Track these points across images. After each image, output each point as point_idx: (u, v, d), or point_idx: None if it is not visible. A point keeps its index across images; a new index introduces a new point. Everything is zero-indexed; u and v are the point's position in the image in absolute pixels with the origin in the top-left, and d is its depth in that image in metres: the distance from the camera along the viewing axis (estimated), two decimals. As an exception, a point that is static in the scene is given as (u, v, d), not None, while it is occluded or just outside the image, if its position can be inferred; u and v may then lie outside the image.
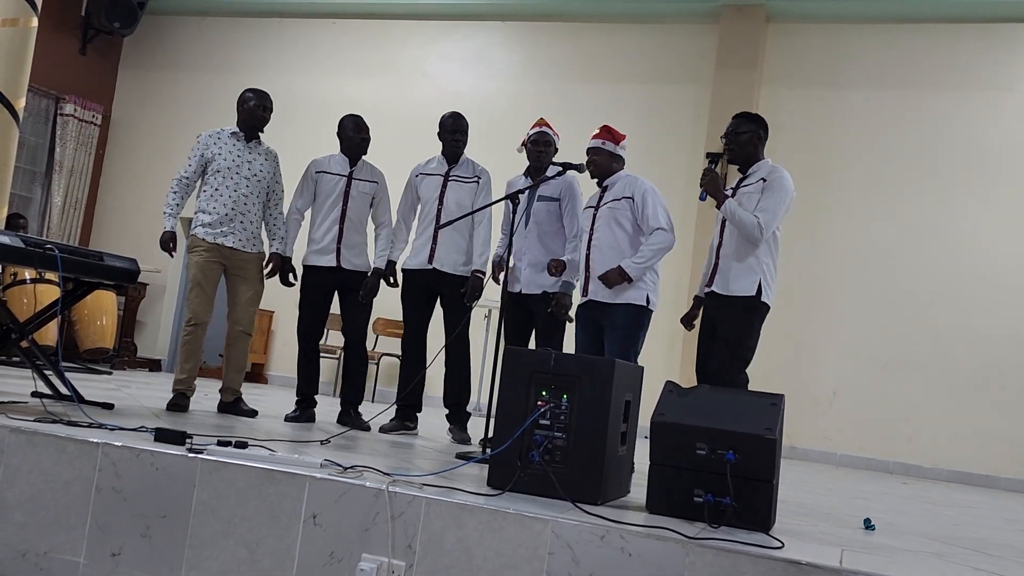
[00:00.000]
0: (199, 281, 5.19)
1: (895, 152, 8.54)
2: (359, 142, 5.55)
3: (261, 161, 5.37)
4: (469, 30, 10.04)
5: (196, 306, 5.19)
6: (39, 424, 3.52)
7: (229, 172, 5.25)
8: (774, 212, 4.34)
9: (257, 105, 5.37)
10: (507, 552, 2.82)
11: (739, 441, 3.01)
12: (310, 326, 5.54)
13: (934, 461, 8.06)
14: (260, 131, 5.41)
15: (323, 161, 5.60)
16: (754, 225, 4.31)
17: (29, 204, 10.47)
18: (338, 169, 5.53)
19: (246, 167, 5.30)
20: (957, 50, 8.49)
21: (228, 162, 5.26)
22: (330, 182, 5.50)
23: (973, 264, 8.20)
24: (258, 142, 5.42)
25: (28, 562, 3.33)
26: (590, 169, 4.85)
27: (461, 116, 5.53)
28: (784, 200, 4.37)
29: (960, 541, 3.62)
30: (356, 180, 5.51)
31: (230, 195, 5.25)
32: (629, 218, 4.69)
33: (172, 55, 11.13)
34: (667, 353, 8.38)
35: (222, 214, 5.22)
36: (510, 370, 3.29)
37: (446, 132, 5.48)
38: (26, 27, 6.93)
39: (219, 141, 5.31)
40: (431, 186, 5.48)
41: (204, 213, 5.25)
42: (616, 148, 4.85)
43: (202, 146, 5.30)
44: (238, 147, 5.32)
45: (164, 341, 10.74)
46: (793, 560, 2.57)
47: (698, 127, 8.93)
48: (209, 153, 5.27)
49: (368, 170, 5.59)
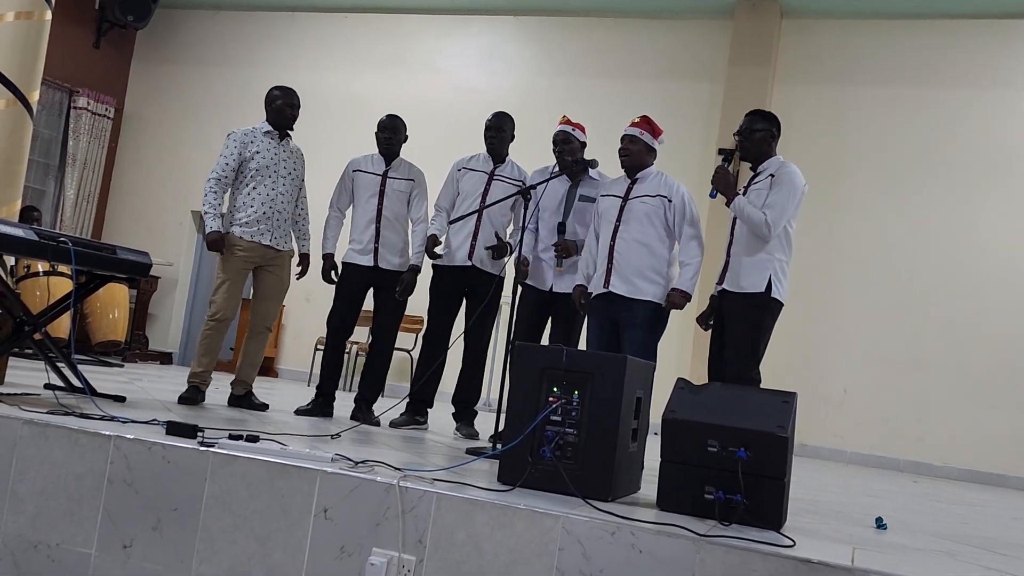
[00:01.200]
0: (231, 278, 5.18)
1: (909, 149, 8.49)
2: (390, 140, 5.55)
3: (294, 160, 5.39)
4: (482, 25, 10.03)
5: (223, 302, 5.17)
6: (52, 416, 3.53)
7: (267, 171, 5.24)
8: (782, 208, 4.32)
9: (285, 103, 5.35)
10: (518, 547, 2.82)
11: (751, 438, 3.00)
12: (341, 322, 5.52)
13: (945, 460, 8.03)
14: (290, 129, 5.41)
15: (360, 160, 5.62)
16: (762, 222, 4.30)
17: (43, 197, 10.52)
18: (373, 168, 5.54)
19: (282, 166, 5.30)
20: (973, 46, 8.43)
21: (267, 160, 5.25)
22: (365, 181, 5.52)
23: (986, 262, 8.16)
24: (288, 140, 5.42)
25: (40, 553, 3.34)
26: (623, 158, 4.78)
27: (503, 114, 5.54)
28: (793, 196, 4.35)
29: (971, 540, 3.61)
30: (391, 179, 5.51)
31: (268, 193, 5.24)
32: (662, 218, 4.67)
33: (185, 49, 11.15)
34: (678, 350, 8.36)
35: (260, 213, 5.21)
36: (521, 366, 3.29)
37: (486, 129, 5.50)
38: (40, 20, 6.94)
39: (255, 140, 5.27)
40: (474, 182, 5.43)
41: (240, 212, 5.22)
42: (653, 141, 4.80)
43: (239, 144, 5.23)
44: (273, 146, 5.31)
45: (176, 334, 10.78)
46: (804, 559, 2.56)
47: (711, 123, 8.90)
48: (248, 152, 5.23)
49: (405, 168, 5.60)
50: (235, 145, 5.24)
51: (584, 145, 5.28)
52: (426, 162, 5.87)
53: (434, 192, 5.63)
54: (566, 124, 5.26)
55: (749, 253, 4.39)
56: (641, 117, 4.85)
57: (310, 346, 9.13)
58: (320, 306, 5.64)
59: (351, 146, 6.34)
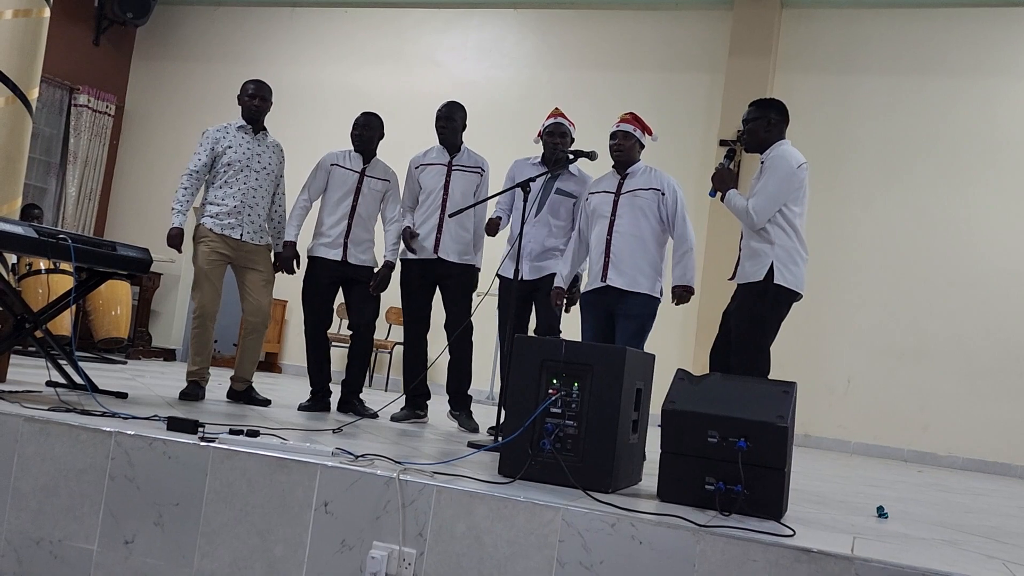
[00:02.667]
0: (205, 273, 5.19)
1: (911, 138, 8.46)
2: (366, 140, 5.55)
3: (269, 154, 5.38)
4: (481, 18, 10.01)
5: (202, 298, 5.19)
6: (53, 413, 3.54)
7: (240, 165, 5.26)
8: (768, 194, 4.28)
9: (243, 95, 5.36)
10: (518, 540, 2.82)
11: (751, 429, 3.00)
12: (317, 316, 5.54)
13: (949, 449, 8.02)
14: (260, 122, 5.40)
15: (338, 155, 5.60)
16: (744, 211, 4.30)
17: (44, 195, 10.52)
18: (351, 165, 5.55)
19: (256, 160, 5.31)
20: (974, 35, 8.39)
21: (239, 155, 5.27)
22: (342, 176, 5.52)
23: (989, 251, 8.13)
24: (265, 134, 5.42)
25: (43, 549, 3.35)
26: (616, 154, 4.82)
27: (453, 103, 5.56)
28: (782, 179, 4.29)
29: (974, 529, 3.60)
30: (368, 177, 5.52)
31: (240, 188, 5.25)
32: (655, 211, 4.73)
33: (185, 45, 11.14)
34: (680, 342, 8.36)
35: (231, 206, 5.23)
36: (520, 358, 3.29)
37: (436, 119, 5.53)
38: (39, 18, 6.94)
39: (228, 135, 5.30)
40: (434, 176, 5.48)
41: (213, 204, 5.25)
42: (644, 137, 4.87)
43: (211, 140, 5.27)
44: (247, 140, 5.33)
45: (179, 331, 10.78)
46: (804, 548, 2.56)
47: (712, 114, 8.87)
48: (219, 147, 5.26)
49: (381, 168, 5.61)
50: (208, 142, 5.28)
51: (572, 141, 5.33)
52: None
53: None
54: (561, 117, 5.28)
55: (750, 244, 4.38)
56: (630, 113, 4.91)
57: (313, 341, 9.12)
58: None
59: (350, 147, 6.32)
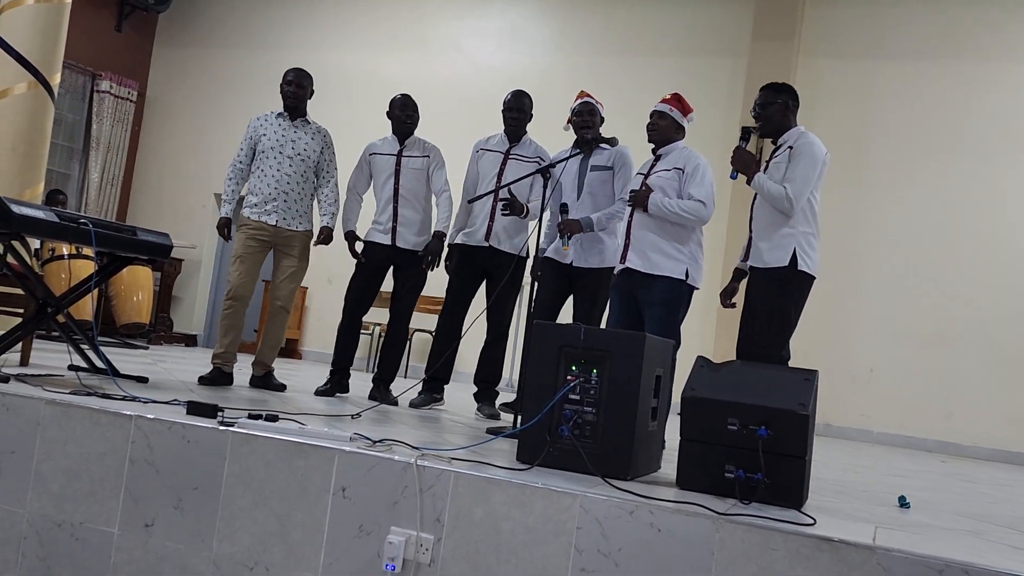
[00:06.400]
0: (240, 255, 5.29)
1: (935, 125, 8.35)
2: (403, 120, 5.60)
3: (307, 140, 5.43)
4: (503, 4, 9.96)
5: (236, 280, 5.28)
6: (74, 396, 3.57)
7: (272, 152, 5.35)
8: (803, 180, 4.23)
9: (282, 82, 5.46)
10: (535, 526, 2.81)
11: (771, 416, 2.97)
12: (358, 298, 5.56)
13: (973, 439, 7.94)
14: (300, 109, 5.46)
15: (376, 144, 5.71)
16: (782, 196, 4.23)
17: (67, 180, 10.60)
18: (388, 149, 5.62)
19: (290, 146, 5.37)
20: (1000, 19, 8.27)
21: (272, 142, 5.36)
22: (381, 162, 5.61)
23: (1014, 239, 8.03)
24: (305, 121, 5.49)
25: (64, 532, 3.38)
26: (651, 132, 4.68)
27: (522, 93, 5.50)
28: (813, 166, 4.26)
29: (996, 519, 3.56)
30: (406, 157, 5.57)
31: (273, 174, 5.33)
32: (676, 189, 4.52)
33: (206, 31, 11.17)
34: (701, 329, 8.30)
35: (266, 194, 5.33)
36: (539, 345, 3.26)
37: (505, 110, 5.48)
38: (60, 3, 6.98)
39: (265, 123, 5.43)
40: (491, 163, 5.46)
41: (251, 194, 5.38)
42: (682, 119, 4.71)
43: (251, 130, 5.44)
44: (283, 127, 5.41)
45: (200, 316, 10.85)
46: (825, 537, 2.53)
47: (734, 99, 8.80)
48: (256, 136, 5.40)
49: (419, 145, 5.64)
50: (248, 131, 5.45)
51: (603, 120, 5.23)
52: (447, 140, 5.89)
53: (452, 167, 5.65)
54: (589, 97, 5.18)
55: (771, 228, 4.32)
56: (672, 94, 4.78)
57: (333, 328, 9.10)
58: (343, 288, 5.65)
59: (375, 126, 6.32)
